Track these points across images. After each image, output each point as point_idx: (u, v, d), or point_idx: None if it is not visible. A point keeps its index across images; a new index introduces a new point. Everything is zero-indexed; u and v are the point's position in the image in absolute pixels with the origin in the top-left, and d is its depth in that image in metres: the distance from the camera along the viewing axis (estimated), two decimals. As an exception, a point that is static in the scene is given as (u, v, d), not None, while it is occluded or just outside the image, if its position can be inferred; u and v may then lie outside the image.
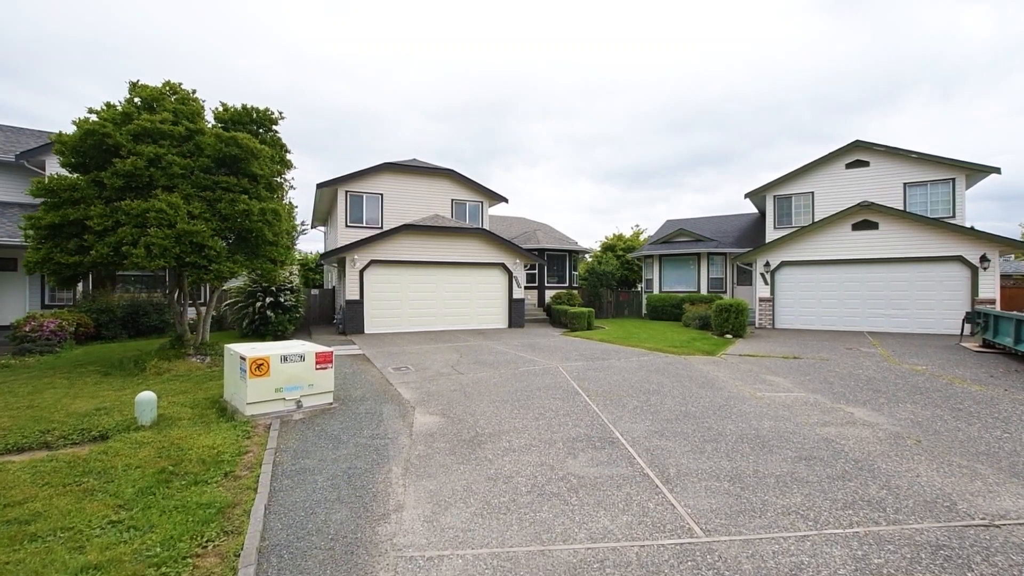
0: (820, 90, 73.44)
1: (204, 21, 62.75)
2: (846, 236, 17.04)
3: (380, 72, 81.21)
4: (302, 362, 6.44)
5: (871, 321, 16.49)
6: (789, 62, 64.84)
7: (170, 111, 9.63)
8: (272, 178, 10.76)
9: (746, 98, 72.21)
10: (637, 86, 71.98)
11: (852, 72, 66.25)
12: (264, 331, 15.57)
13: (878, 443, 5.26)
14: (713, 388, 8.00)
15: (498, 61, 73.60)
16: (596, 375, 9.09)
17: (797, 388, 8.02)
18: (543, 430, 5.81)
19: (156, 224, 8.61)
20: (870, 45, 59.62)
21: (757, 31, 57.19)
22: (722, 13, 59.23)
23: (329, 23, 62.37)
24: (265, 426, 5.97)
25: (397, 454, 5.11)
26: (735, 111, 75.46)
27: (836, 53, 62.49)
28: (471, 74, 76.49)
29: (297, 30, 61.63)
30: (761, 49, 61.51)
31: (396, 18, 63.80)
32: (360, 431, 5.85)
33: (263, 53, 72.82)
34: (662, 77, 70.31)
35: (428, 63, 78.07)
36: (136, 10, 54.11)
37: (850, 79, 68.69)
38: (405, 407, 7.01)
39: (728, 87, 68.21)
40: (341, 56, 73.56)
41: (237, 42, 71.88)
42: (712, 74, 67.55)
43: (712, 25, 59.98)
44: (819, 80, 69.64)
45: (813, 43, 61.57)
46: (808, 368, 9.75)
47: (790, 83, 70.16)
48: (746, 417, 6.27)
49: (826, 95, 75.77)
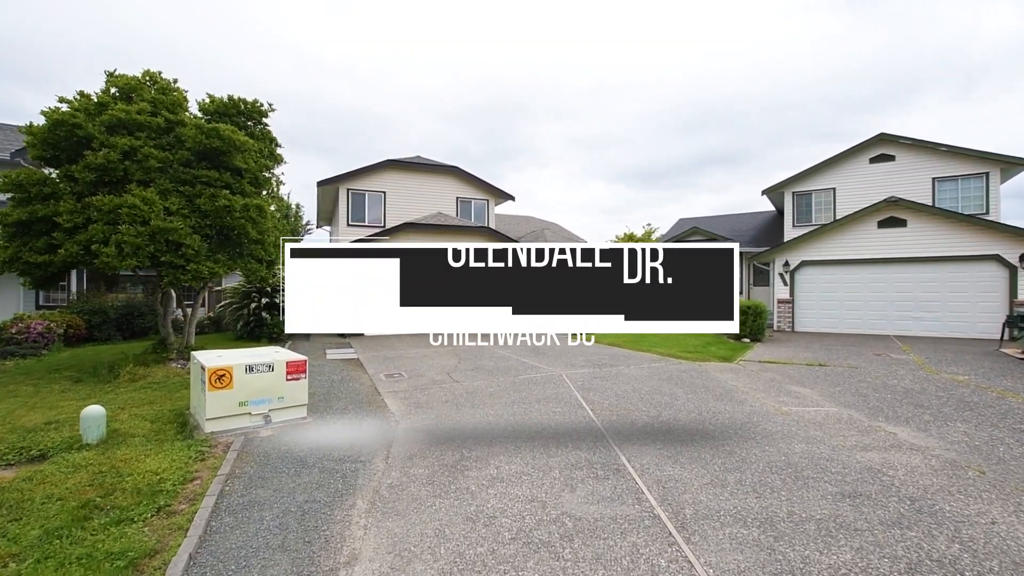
0: (835, 88, 71.84)
1: (212, 25, 62.93)
2: (871, 234, 16.02)
3: (390, 75, 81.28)
4: (270, 372, 5.77)
5: (898, 324, 15.47)
6: (803, 60, 63.43)
7: (148, 101, 9.06)
8: (259, 173, 10.15)
9: (758, 97, 70.87)
10: (647, 86, 71.07)
11: (868, 69, 64.62)
12: (259, 333, 15.03)
13: (934, 474, 4.44)
14: (732, 401, 7.19)
15: (507, 63, 73.25)
16: (603, 385, 8.32)
17: (827, 401, 7.18)
18: (538, 453, 5.06)
19: (129, 221, 8.02)
20: (888, 40, 58.02)
21: (769, 29, 55.90)
22: (733, 11, 57.92)
23: (336, 26, 62.35)
24: (225, 445, 5.31)
25: (366, 482, 4.41)
26: (747, 110, 74.12)
27: (852, 50, 60.96)
28: (480, 76, 76.20)
29: (304, 33, 61.70)
30: (773, 47, 60.20)
31: (405, 21, 63.62)
32: (330, 452, 5.16)
33: (271, 57, 73.17)
34: (672, 77, 69.29)
35: (437, 65, 78.03)
36: (138, 13, 54.36)
37: (866, 76, 67.04)
38: (388, 422, 6.31)
39: (740, 86, 66.99)
40: (349, 59, 73.64)
41: (244, 46, 72.19)
42: (723, 73, 66.42)
43: (723, 24, 58.83)
44: (834, 78, 68.09)
45: (828, 40, 60.07)
46: (836, 377, 8.88)
47: (804, 81, 68.69)
48: (773, 438, 5.47)
49: (841, 93, 74.10)
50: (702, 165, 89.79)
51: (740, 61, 64.02)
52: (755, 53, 61.07)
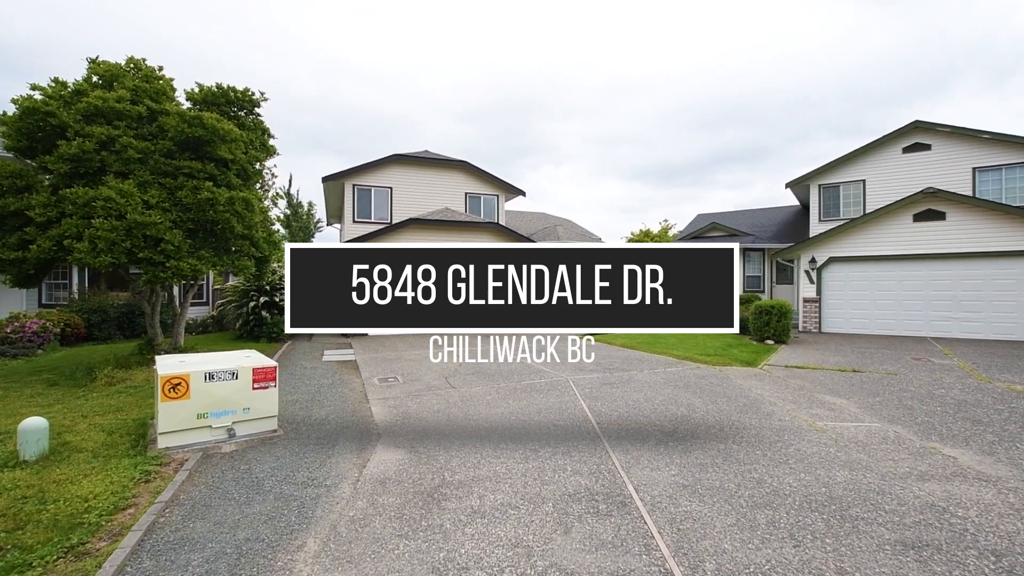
0: (860, 81, 69.38)
1: (230, 28, 63.42)
2: (906, 228, 14.89)
3: (408, 77, 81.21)
4: (234, 380, 5.15)
5: (935, 325, 14.34)
6: (824, 54, 61.31)
7: (129, 89, 8.55)
8: (248, 165, 9.60)
9: (778, 92, 68.92)
10: (663, 83, 69.73)
11: (894, 62, 62.26)
12: (259, 332, 14.56)
13: (1016, 516, 3.60)
14: (759, 413, 6.37)
15: (523, 62, 72.41)
16: (612, 393, 7.56)
17: (867, 415, 6.31)
18: (531, 479, 4.34)
19: (104, 215, 7.52)
20: (914, 32, 55.61)
21: (790, 22, 54.04)
22: (753, 5, 56.20)
23: (355, 28, 62.34)
24: (179, 463, 4.71)
25: (325, 514, 3.74)
26: (767, 106, 72.23)
27: (876, 43, 58.70)
28: (496, 74, 75.75)
29: (324, 36, 61.79)
30: (793, 42, 58.30)
31: (421, 22, 63.31)
32: (294, 473, 4.52)
33: (293, 59, 73.54)
34: (688, 74, 67.83)
35: (453, 66, 77.62)
36: (160, 16, 54.96)
37: (892, 69, 64.57)
38: (369, 435, 5.66)
39: (760, 82, 65.24)
40: (368, 61, 73.71)
41: (267, 50, 72.71)
42: (742, 69, 64.70)
43: (742, 18, 57.07)
44: (857, 72, 65.73)
45: (851, 33, 57.84)
46: (874, 386, 7.97)
47: (826, 76, 66.51)
48: (808, 462, 4.67)
49: (865, 87, 71.58)
50: (720, 162, 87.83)
51: (760, 56, 62.29)
52: (775, 48, 59.32)
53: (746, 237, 21.40)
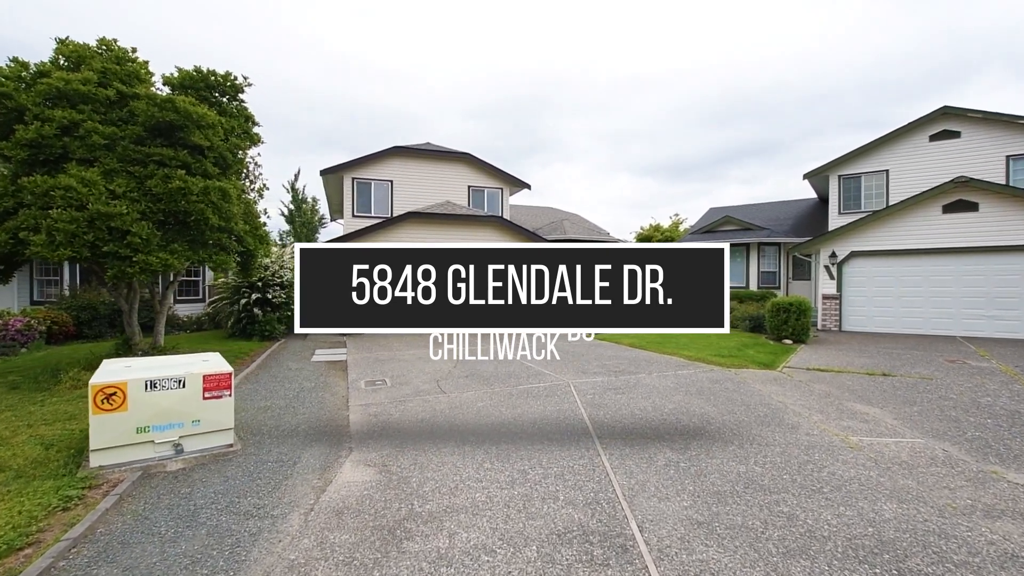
0: (875, 75, 67.40)
1: (231, 28, 63.24)
2: (935, 220, 13.92)
3: (418, 75, 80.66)
4: (181, 389, 4.51)
5: (967, 324, 13.39)
6: (839, 47, 59.48)
7: (97, 71, 7.96)
8: (227, 152, 8.97)
9: (791, 86, 67.23)
10: (673, 79, 68.41)
11: (910, 54, 60.27)
12: (251, 331, 14.02)
13: (1122, 571, 2.84)
14: (782, 426, 5.62)
15: (531, 59, 71.48)
16: (616, 400, 6.84)
17: (907, 428, 5.54)
18: (515, 510, 3.65)
19: (64, 204, 6.93)
20: (931, 23, 53.78)
21: (801, 15, 52.53)
22: None
23: (363, 26, 61.90)
24: (112, 485, 4.08)
25: (262, 556, 3.09)
26: (780, 101, 70.64)
27: (893, 35, 56.78)
28: (504, 72, 74.97)
29: (333, 34, 61.43)
30: (806, 35, 56.65)
31: (430, 18, 62.71)
32: (240, 499, 3.87)
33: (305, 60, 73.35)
34: (698, 69, 66.42)
35: (460, 63, 76.98)
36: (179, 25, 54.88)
37: (909, 62, 62.58)
38: (339, 450, 5.00)
39: (771, 76, 63.73)
40: (378, 59, 73.35)
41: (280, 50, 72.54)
42: (754, 63, 63.22)
43: (753, 12, 55.54)
44: (873, 65, 63.82)
45: (866, 25, 56.00)
46: (909, 392, 7.17)
47: (841, 69, 64.71)
48: (847, 490, 3.92)
49: (881, 80, 69.54)
50: (732, 158, 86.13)
51: (771, 50, 60.87)
52: (787, 41, 57.79)
53: (761, 231, 20.48)
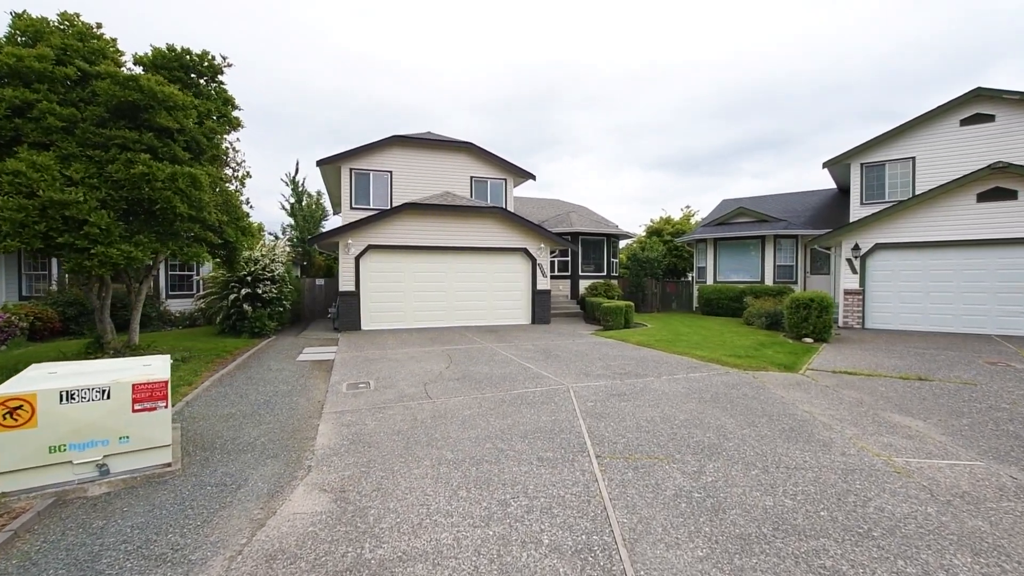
0: (891, 66, 65.18)
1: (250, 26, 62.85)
2: (968, 209, 12.93)
3: (427, 70, 79.84)
4: (104, 401, 3.85)
5: (1003, 321, 12.43)
6: (853, 37, 57.44)
7: (56, 47, 7.32)
8: (201, 137, 8.31)
9: (804, 79, 65.40)
10: (683, 73, 66.88)
11: (928, 44, 58.12)
12: (241, 327, 13.44)
13: None
14: (812, 442, 4.84)
15: (541, 53, 70.14)
16: (620, 408, 6.10)
17: (959, 446, 4.73)
18: (486, 560, 2.94)
19: (11, 191, 6.32)
20: (949, 12, 51.74)
21: (814, 4, 50.79)
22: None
23: (370, 22, 61.23)
24: (12, 516, 3.43)
25: (156, 628, 2.41)
26: (792, 94, 68.74)
27: (910, 24, 54.70)
28: (513, 66, 73.85)
29: (341, 31, 60.82)
30: (820, 25, 54.73)
31: (438, 13, 61.82)
32: (159, 536, 3.20)
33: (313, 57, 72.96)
34: (709, 63, 64.65)
35: (469, 57, 76.07)
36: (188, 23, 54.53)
37: (926, 52, 60.43)
38: (295, 470, 4.32)
39: (783, 69, 61.97)
40: (385, 55, 72.76)
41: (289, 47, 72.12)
42: (764, 56, 61.45)
43: (761, 5, 53.88)
44: (888, 55, 61.73)
45: (881, 14, 53.95)
46: (952, 400, 6.34)
47: (855, 60, 62.58)
48: (903, 534, 3.15)
49: (898, 71, 67.28)
50: (744, 151, 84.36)
51: (784, 42, 58.99)
52: (799, 32, 55.90)
53: (777, 223, 19.50)
